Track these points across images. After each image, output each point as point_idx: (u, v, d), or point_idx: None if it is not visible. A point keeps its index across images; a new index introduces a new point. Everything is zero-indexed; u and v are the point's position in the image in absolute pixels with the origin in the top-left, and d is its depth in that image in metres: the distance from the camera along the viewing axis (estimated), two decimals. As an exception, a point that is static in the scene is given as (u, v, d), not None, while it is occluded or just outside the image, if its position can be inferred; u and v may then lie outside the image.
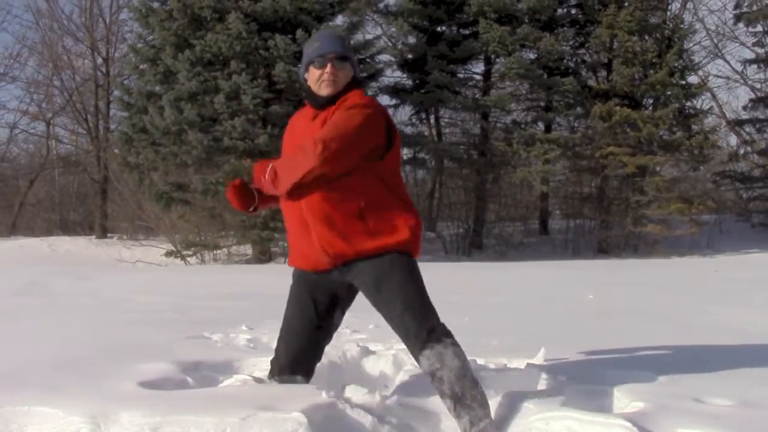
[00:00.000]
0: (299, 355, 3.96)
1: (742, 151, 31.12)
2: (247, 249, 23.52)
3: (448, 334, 3.61)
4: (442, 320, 3.68)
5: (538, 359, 4.89)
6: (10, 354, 5.20)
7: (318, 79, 3.79)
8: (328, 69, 3.76)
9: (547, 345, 5.10)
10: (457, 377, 3.50)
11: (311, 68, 3.83)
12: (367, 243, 3.66)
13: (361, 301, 3.90)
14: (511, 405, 3.78)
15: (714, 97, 33.44)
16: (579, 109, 25.90)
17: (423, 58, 24.78)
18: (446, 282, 11.22)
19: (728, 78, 34.45)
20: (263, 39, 20.88)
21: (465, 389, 3.49)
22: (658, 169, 25.24)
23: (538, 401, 3.85)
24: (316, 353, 4.04)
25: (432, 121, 28.08)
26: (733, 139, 33.04)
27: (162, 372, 4.50)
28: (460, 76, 26.69)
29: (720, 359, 5.17)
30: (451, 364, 3.51)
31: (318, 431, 3.37)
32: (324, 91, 3.79)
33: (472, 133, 27.96)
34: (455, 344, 3.59)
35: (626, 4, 24.72)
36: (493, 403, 3.67)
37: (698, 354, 5.38)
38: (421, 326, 3.57)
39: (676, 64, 24.74)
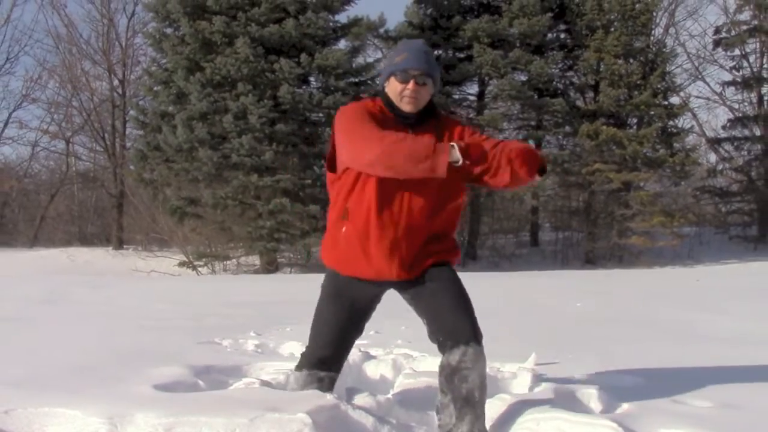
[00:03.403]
0: (338, 350, 3.70)
1: (720, 168, 31.11)
2: (255, 260, 23.52)
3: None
4: None
5: (529, 364, 4.88)
6: (32, 358, 5.20)
7: (399, 93, 3.49)
8: (410, 86, 3.46)
9: (537, 350, 5.10)
10: (480, 384, 3.42)
11: (392, 79, 3.52)
12: (450, 256, 3.63)
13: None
14: (504, 407, 3.78)
15: (695, 116, 33.54)
16: (567, 128, 25.94)
17: (420, 80, 24.79)
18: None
19: (708, 99, 34.51)
20: (269, 62, 20.97)
21: (481, 397, 3.43)
22: (642, 184, 25.24)
23: (529, 403, 3.85)
24: (349, 351, 3.83)
25: (429, 139, 27.99)
26: (713, 157, 33.07)
27: (175, 375, 4.49)
28: (456, 96, 26.72)
29: (701, 364, 5.17)
30: (482, 370, 3.43)
31: (324, 431, 3.37)
32: (405, 107, 3.49)
33: (467, 150, 27.88)
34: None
35: (612, 29, 24.77)
36: (487, 405, 3.67)
37: (680, 359, 5.38)
38: (473, 325, 3.46)
39: (659, 86, 24.77)
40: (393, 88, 3.51)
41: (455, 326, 3.45)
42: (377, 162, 3.24)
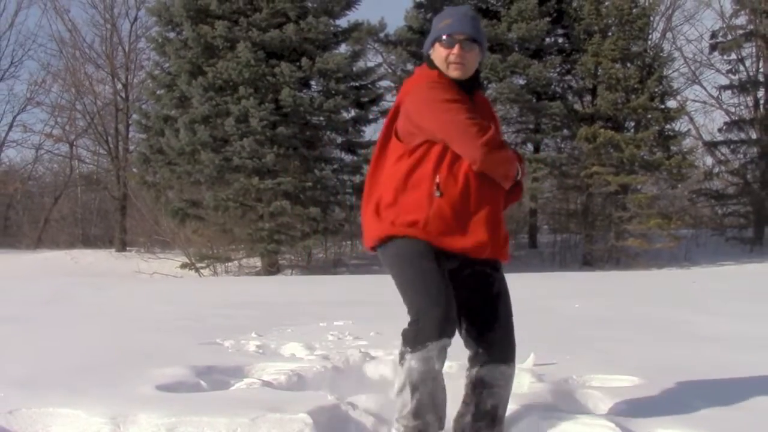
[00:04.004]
0: (452, 305, 3.21)
1: (717, 171, 31.10)
2: (256, 261, 23.51)
3: None
4: None
5: (528, 364, 4.88)
6: (36, 359, 5.20)
7: (445, 59, 3.32)
8: (456, 50, 3.29)
9: (536, 351, 5.10)
10: (506, 401, 3.41)
11: (437, 45, 3.36)
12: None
13: (360, 310, 3.89)
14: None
15: (691, 120, 33.47)
16: (566, 132, 25.96)
17: (421, 84, 24.79)
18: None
19: (705, 102, 34.49)
20: (270, 66, 20.98)
21: (503, 414, 3.41)
22: (639, 187, 25.23)
23: (528, 403, 3.86)
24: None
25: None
26: (709, 160, 33.06)
27: (177, 376, 4.50)
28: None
29: (698, 364, 5.17)
30: (510, 388, 3.41)
31: (324, 431, 3.37)
32: (453, 73, 3.32)
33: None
34: None
35: (610, 33, 24.79)
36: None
37: (677, 359, 5.38)
38: (512, 347, 3.40)
39: (656, 90, 24.78)
40: (438, 54, 3.36)
41: (502, 344, 3.37)
42: (479, 163, 3.21)
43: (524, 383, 4.45)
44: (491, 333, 3.35)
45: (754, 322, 7.83)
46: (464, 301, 3.34)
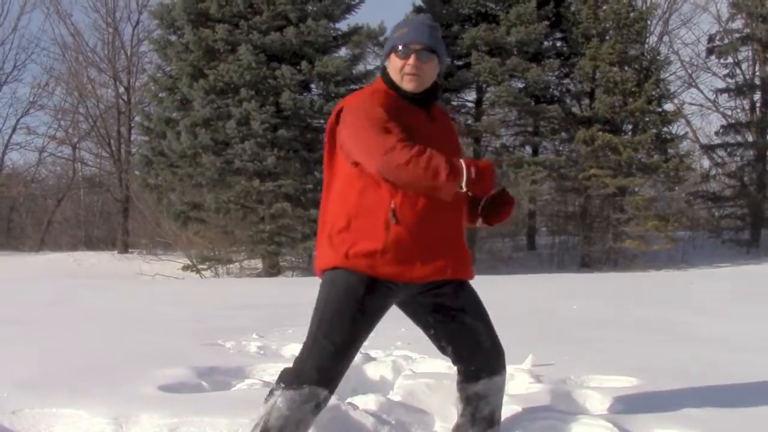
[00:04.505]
0: (348, 363, 3.13)
1: (713, 173, 31.11)
2: (258, 263, 23.51)
3: None
4: None
5: (526, 365, 4.89)
6: (39, 360, 5.20)
7: (400, 71, 3.10)
8: (411, 61, 3.07)
9: (534, 352, 5.10)
10: (501, 403, 3.37)
11: (393, 56, 3.14)
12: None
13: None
14: (501, 407, 3.78)
15: (688, 123, 33.48)
16: (564, 134, 25.92)
17: (420, 87, 24.77)
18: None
19: (701, 106, 34.53)
20: (271, 69, 20.97)
21: (499, 416, 3.37)
22: (636, 189, 25.22)
23: (526, 403, 3.86)
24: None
25: (428, 145, 28.00)
26: (706, 162, 33.01)
27: (179, 377, 4.50)
28: (454, 103, 26.69)
29: (695, 365, 5.17)
30: (503, 391, 3.37)
31: (324, 431, 3.37)
32: (407, 85, 3.11)
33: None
34: None
35: (607, 37, 24.77)
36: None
37: (674, 360, 5.38)
38: (503, 356, 3.31)
39: (653, 93, 24.75)
40: (393, 65, 3.15)
41: (493, 356, 3.28)
42: (393, 178, 2.95)
43: (523, 384, 4.45)
44: (480, 348, 3.25)
45: (751, 323, 7.84)
46: (437, 323, 3.25)
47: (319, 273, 3.22)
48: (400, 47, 3.11)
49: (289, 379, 2.93)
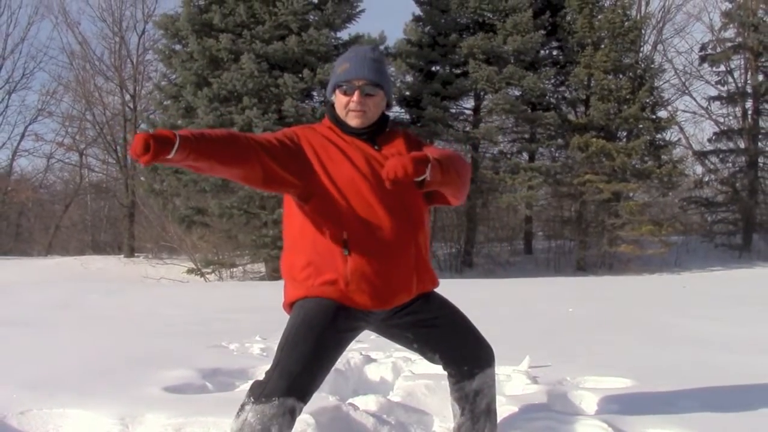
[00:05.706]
0: (317, 387, 2.91)
1: (706, 179, 31.10)
2: (261, 267, 23.50)
3: None
4: None
5: (523, 366, 4.89)
6: (48, 361, 5.20)
7: (345, 107, 3.03)
8: (355, 98, 2.99)
9: (531, 354, 5.10)
10: (494, 394, 3.34)
11: (337, 92, 3.05)
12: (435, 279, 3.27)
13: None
14: (498, 408, 3.78)
15: (681, 130, 33.47)
16: (559, 141, 25.93)
17: (419, 95, 24.81)
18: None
19: (694, 113, 34.50)
20: (273, 77, 20.98)
21: (495, 407, 3.34)
22: (631, 194, 25.20)
23: (523, 404, 3.86)
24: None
25: (427, 151, 27.98)
26: (699, 168, 33.05)
27: (184, 378, 4.50)
28: (453, 111, 26.69)
29: (688, 366, 5.17)
30: (495, 382, 3.33)
31: (325, 431, 3.38)
32: (352, 121, 3.03)
33: (464, 162, 27.89)
34: None
35: (602, 46, 24.79)
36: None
37: (667, 361, 5.38)
38: (489, 348, 3.25)
39: (647, 100, 24.78)
40: (339, 102, 3.06)
41: (480, 352, 3.24)
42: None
43: (519, 385, 4.46)
44: (465, 346, 3.21)
45: (743, 325, 7.84)
46: (417, 337, 3.20)
47: (287, 308, 3.16)
48: (344, 84, 3.03)
49: (258, 392, 2.79)
